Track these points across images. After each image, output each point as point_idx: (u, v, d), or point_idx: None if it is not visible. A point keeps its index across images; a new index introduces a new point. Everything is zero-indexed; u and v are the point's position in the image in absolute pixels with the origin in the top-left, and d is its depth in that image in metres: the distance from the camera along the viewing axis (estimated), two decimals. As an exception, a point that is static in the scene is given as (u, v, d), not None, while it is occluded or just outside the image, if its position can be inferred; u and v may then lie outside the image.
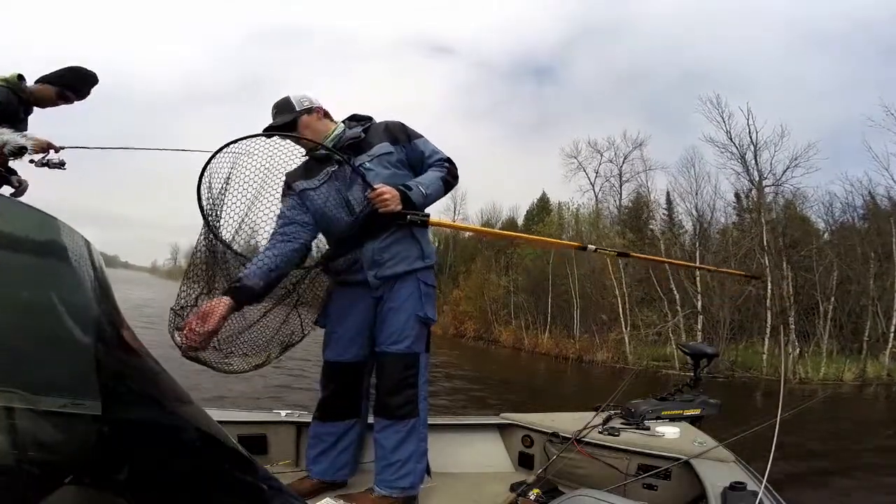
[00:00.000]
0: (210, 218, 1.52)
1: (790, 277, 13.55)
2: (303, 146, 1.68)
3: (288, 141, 1.66)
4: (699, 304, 14.36)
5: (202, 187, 1.50)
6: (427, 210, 1.66)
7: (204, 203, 1.51)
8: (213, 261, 1.53)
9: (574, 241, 2.57)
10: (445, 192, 1.72)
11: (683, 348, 2.51)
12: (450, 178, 1.72)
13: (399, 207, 1.57)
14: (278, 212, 1.66)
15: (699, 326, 14.27)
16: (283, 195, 1.68)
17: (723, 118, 15.49)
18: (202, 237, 1.53)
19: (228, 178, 1.53)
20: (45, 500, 0.45)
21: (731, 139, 15.35)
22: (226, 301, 1.39)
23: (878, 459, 5.19)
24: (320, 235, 1.71)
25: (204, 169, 1.49)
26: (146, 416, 0.57)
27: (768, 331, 13.37)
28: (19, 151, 1.70)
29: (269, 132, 1.61)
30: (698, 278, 14.38)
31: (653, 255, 15.68)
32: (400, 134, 1.71)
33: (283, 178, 1.68)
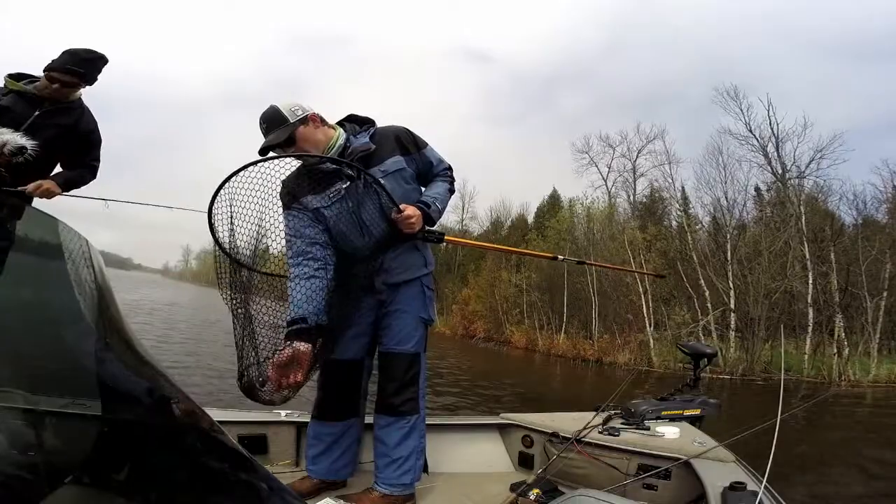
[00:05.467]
0: (228, 246, 1.50)
1: (836, 271, 12.65)
2: (311, 162, 1.56)
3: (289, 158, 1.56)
4: (732, 301, 13.52)
5: (214, 223, 1.46)
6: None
7: (219, 237, 1.48)
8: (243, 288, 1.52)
9: (548, 254, 2.71)
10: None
11: (683, 348, 2.51)
12: (453, 188, 1.77)
13: (421, 226, 1.61)
14: (290, 228, 1.58)
15: (732, 325, 13.44)
16: (288, 207, 1.58)
17: (741, 110, 15.05)
18: (228, 269, 1.50)
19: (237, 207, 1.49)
20: (45, 500, 0.45)
21: (750, 131, 14.89)
22: (306, 346, 1.41)
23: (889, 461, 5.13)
24: None
25: (211, 206, 1.45)
26: (146, 416, 0.57)
27: (810, 329, 12.59)
28: (19, 151, 1.70)
29: (273, 156, 1.51)
30: (730, 272, 13.53)
31: (676, 247, 15.41)
32: (410, 144, 1.68)
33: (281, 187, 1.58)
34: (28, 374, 0.50)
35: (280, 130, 1.53)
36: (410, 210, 1.56)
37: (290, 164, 1.57)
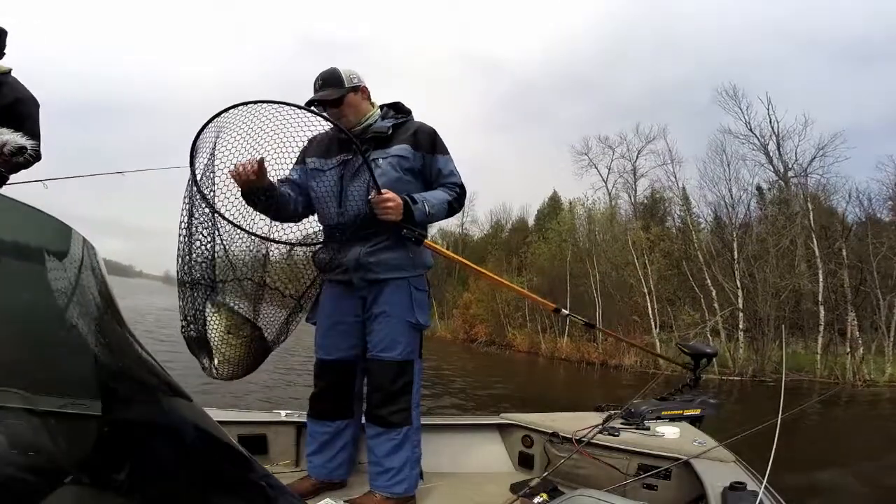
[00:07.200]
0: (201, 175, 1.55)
1: (847, 268, 12.34)
2: (331, 122, 1.57)
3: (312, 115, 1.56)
4: (740, 300, 13.18)
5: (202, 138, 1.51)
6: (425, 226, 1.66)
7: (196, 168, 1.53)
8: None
9: (549, 302, 2.54)
10: (448, 216, 1.70)
11: (683, 348, 2.51)
12: (456, 205, 1.68)
13: (399, 218, 1.53)
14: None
15: (741, 325, 13.13)
16: (297, 162, 1.72)
17: (741, 108, 15.06)
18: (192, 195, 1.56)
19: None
20: (45, 500, 0.45)
21: (751, 130, 14.88)
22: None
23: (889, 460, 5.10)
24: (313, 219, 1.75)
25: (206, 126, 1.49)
26: (146, 416, 0.57)
27: (822, 328, 12.27)
28: (19, 151, 1.69)
29: (306, 107, 1.53)
30: (737, 272, 13.24)
31: (680, 247, 15.23)
32: (425, 143, 1.65)
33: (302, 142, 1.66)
34: (28, 373, 0.50)
35: (333, 90, 1.61)
36: (390, 195, 1.51)
37: (289, 120, 1.54)
